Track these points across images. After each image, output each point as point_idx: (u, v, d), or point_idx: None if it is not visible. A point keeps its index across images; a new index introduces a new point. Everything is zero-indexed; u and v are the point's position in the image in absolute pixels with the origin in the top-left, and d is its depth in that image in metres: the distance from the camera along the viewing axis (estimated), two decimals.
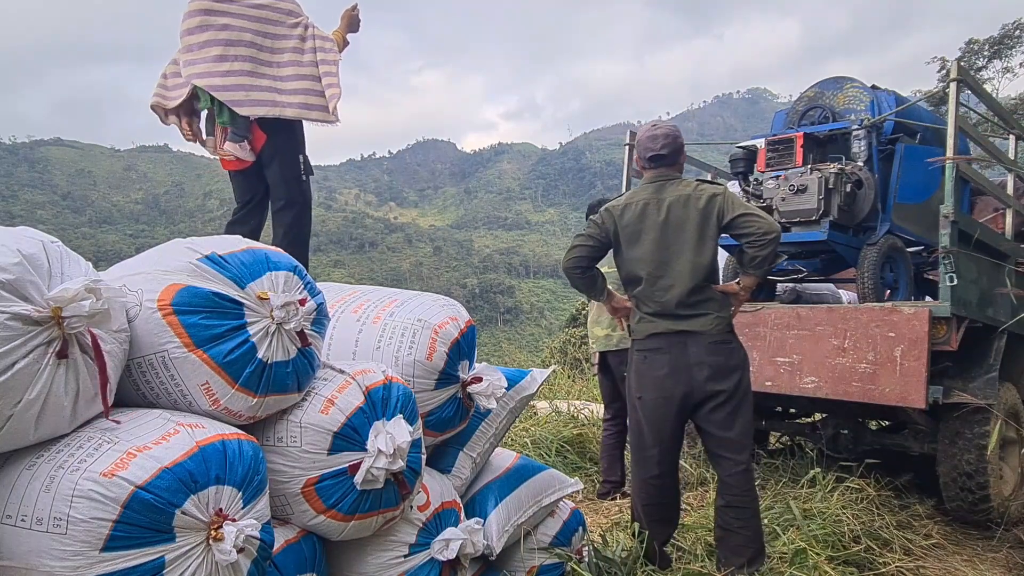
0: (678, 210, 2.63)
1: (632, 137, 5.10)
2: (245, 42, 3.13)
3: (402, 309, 2.16)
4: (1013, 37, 17.07)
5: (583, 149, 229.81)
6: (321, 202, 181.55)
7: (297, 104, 3.18)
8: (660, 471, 2.65)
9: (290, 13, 3.25)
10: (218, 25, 3.11)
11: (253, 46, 3.15)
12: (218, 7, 3.12)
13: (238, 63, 3.12)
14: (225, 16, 3.12)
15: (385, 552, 1.95)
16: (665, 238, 2.63)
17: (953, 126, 3.54)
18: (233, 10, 3.13)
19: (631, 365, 2.74)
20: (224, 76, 3.10)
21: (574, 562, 2.52)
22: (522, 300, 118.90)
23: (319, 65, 3.22)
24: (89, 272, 1.50)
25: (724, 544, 2.59)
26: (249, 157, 3.24)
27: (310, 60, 3.22)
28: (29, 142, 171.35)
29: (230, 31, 3.12)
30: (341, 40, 3.41)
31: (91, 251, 75.25)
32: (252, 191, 3.37)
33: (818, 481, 3.55)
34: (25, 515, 1.29)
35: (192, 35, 3.13)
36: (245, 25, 3.14)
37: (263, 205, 3.43)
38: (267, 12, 3.19)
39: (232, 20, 3.12)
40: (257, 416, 1.70)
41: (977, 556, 3.38)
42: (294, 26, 3.24)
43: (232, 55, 3.12)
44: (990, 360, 3.69)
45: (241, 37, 3.13)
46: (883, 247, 3.88)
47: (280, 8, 3.22)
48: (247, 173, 3.32)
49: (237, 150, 3.19)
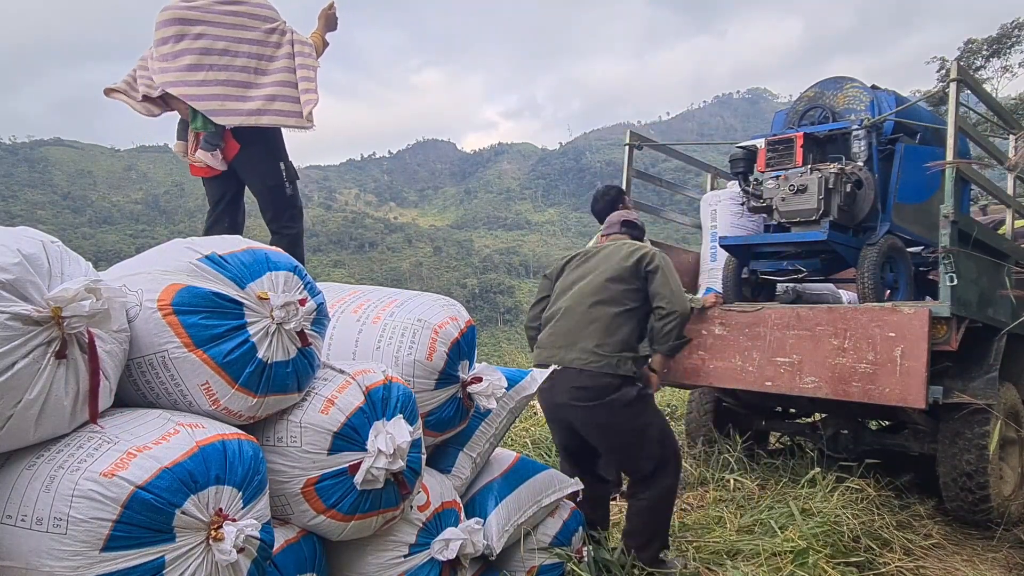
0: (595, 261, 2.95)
1: (632, 137, 5.10)
2: (219, 50, 3.11)
3: (402, 309, 2.16)
4: (1012, 36, 17.06)
5: (583, 149, 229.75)
6: (321, 202, 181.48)
7: (273, 111, 3.16)
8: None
9: (265, 19, 3.22)
10: (193, 34, 3.10)
11: (227, 54, 3.13)
12: (193, 16, 3.10)
13: (213, 72, 3.10)
14: (200, 24, 3.10)
15: (385, 552, 1.95)
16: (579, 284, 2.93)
17: (953, 126, 3.54)
18: (208, 18, 3.11)
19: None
20: (199, 85, 3.09)
21: (574, 562, 2.52)
22: (522, 300, 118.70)
23: (297, 70, 3.21)
24: (89, 272, 1.50)
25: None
26: (220, 166, 3.24)
27: (287, 66, 3.21)
28: (29, 142, 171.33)
29: (205, 39, 3.10)
30: (320, 41, 3.39)
31: (91, 251, 75.22)
32: (223, 190, 3.37)
33: (818, 481, 3.55)
34: (25, 515, 1.29)
35: (167, 44, 3.11)
36: (220, 33, 3.12)
37: (235, 204, 3.43)
38: (242, 19, 3.17)
39: (207, 28, 3.11)
40: (257, 416, 1.70)
41: (977, 556, 3.38)
42: (270, 32, 3.22)
43: (208, 64, 3.10)
44: (990, 360, 3.69)
45: (215, 45, 3.11)
46: (883, 247, 3.88)
47: (256, 15, 3.20)
48: (216, 176, 3.32)
49: (208, 158, 3.19)
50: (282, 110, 3.18)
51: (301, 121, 3.19)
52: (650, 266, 2.80)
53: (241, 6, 3.17)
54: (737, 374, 3.94)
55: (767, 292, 4.69)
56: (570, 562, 2.52)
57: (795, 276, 4.34)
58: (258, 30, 3.20)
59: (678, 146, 5.78)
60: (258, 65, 3.18)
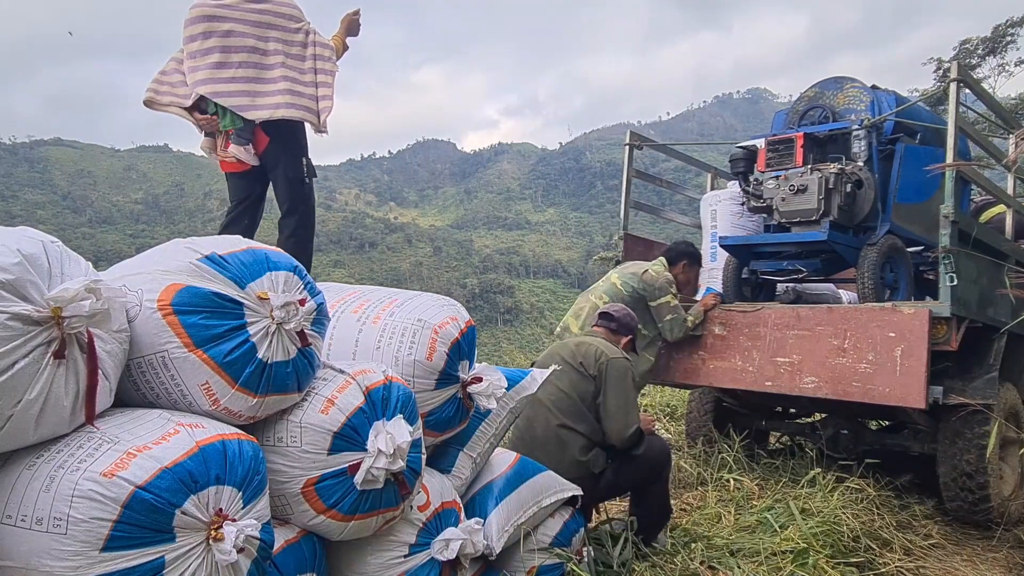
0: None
1: (632, 137, 5.10)
2: (248, 47, 3.16)
3: (402, 309, 2.16)
4: (1006, 35, 17.04)
5: (583, 149, 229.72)
6: (321, 202, 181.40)
7: (301, 107, 3.22)
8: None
9: (291, 18, 3.26)
10: (221, 31, 3.14)
11: (256, 51, 3.18)
12: (220, 13, 3.13)
13: (242, 69, 3.15)
14: (228, 22, 3.14)
15: (385, 552, 1.95)
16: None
17: (953, 126, 3.54)
18: (235, 15, 3.15)
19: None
20: (228, 82, 3.13)
21: (574, 563, 2.52)
22: (522, 300, 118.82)
23: (316, 73, 3.25)
24: (89, 272, 1.50)
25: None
26: (253, 160, 3.27)
27: (310, 67, 3.26)
28: (29, 142, 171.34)
29: (233, 37, 3.14)
30: (340, 45, 3.43)
31: (91, 251, 75.22)
32: (248, 190, 3.40)
33: (818, 481, 3.54)
34: (25, 515, 1.29)
35: (195, 41, 3.15)
36: (247, 31, 3.16)
37: (257, 205, 3.46)
38: (268, 17, 3.21)
39: (235, 25, 3.14)
40: (257, 416, 1.70)
41: (977, 556, 3.38)
42: (296, 31, 3.26)
43: (236, 61, 3.14)
44: (990, 360, 3.69)
45: (244, 43, 3.15)
46: (883, 247, 3.88)
47: (281, 13, 3.24)
48: (246, 174, 3.34)
49: (242, 153, 3.22)
50: (308, 107, 3.24)
51: (318, 124, 3.26)
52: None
53: (267, 4, 3.21)
54: (737, 374, 3.95)
55: (767, 292, 4.69)
56: (570, 562, 2.51)
57: (795, 276, 4.34)
58: (284, 28, 3.24)
59: (678, 146, 5.78)
60: (284, 62, 3.22)
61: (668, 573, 2.65)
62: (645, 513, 2.95)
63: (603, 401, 2.89)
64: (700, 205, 5.08)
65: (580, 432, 2.88)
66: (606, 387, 2.89)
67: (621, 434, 2.85)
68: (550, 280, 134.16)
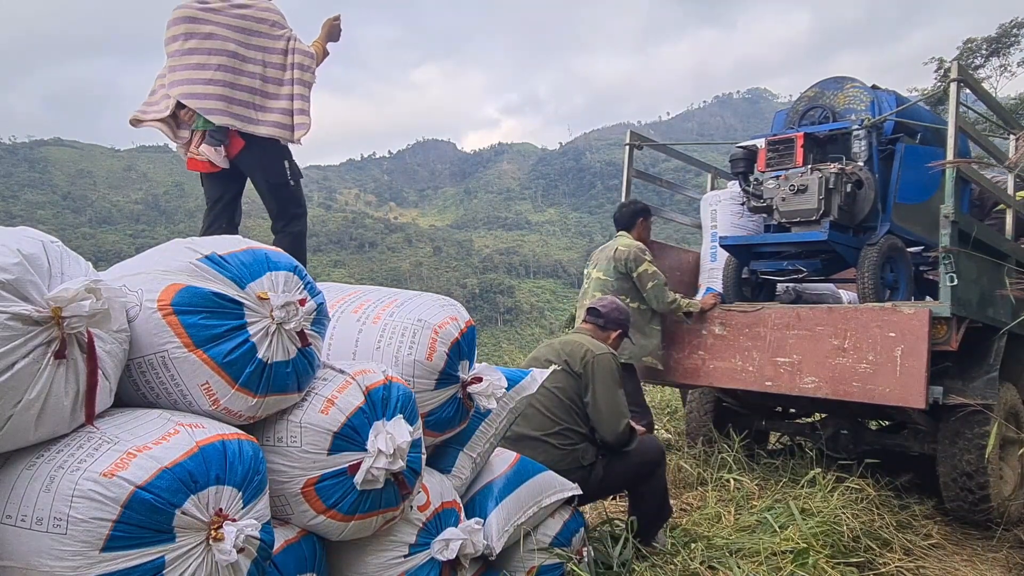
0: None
1: (632, 137, 5.10)
2: (228, 52, 3.14)
3: (402, 309, 2.16)
4: (1011, 35, 17.05)
5: (583, 149, 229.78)
6: (321, 202, 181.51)
7: (271, 123, 3.19)
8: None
9: (274, 24, 3.24)
10: (202, 34, 3.12)
11: (236, 56, 3.15)
12: (202, 16, 3.11)
13: (220, 72, 3.12)
14: (209, 25, 3.12)
15: (385, 552, 1.95)
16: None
17: (953, 126, 3.54)
18: (217, 19, 3.13)
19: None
20: (205, 85, 3.11)
21: (574, 563, 2.52)
22: (522, 300, 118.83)
23: (295, 85, 3.23)
24: (89, 272, 1.50)
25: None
26: (222, 163, 3.25)
27: (289, 78, 3.24)
28: (29, 142, 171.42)
29: (214, 40, 3.12)
30: (321, 50, 3.41)
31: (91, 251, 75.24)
32: (223, 190, 3.39)
33: (818, 481, 3.54)
34: (25, 515, 1.29)
35: (176, 42, 3.13)
36: (229, 35, 3.14)
37: (234, 204, 3.45)
38: (250, 23, 3.18)
39: (216, 29, 3.13)
40: (257, 416, 1.70)
41: (977, 556, 3.38)
42: (278, 38, 3.23)
43: (215, 64, 3.12)
44: (990, 360, 3.69)
45: (224, 47, 3.13)
46: (883, 247, 3.88)
47: (264, 19, 3.21)
48: (219, 174, 3.33)
49: (212, 154, 3.20)
50: (280, 123, 3.22)
51: (291, 139, 3.25)
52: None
53: (249, 9, 3.19)
54: (737, 374, 3.95)
55: (767, 292, 4.69)
56: (570, 562, 2.51)
57: (795, 276, 4.34)
58: (267, 35, 3.22)
59: (678, 146, 5.79)
60: (263, 72, 3.20)
61: (668, 573, 2.64)
62: (643, 512, 2.96)
63: (591, 399, 2.89)
64: (700, 205, 5.08)
65: (568, 426, 2.89)
66: (593, 384, 2.90)
67: (613, 430, 2.86)
68: (550, 280, 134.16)
